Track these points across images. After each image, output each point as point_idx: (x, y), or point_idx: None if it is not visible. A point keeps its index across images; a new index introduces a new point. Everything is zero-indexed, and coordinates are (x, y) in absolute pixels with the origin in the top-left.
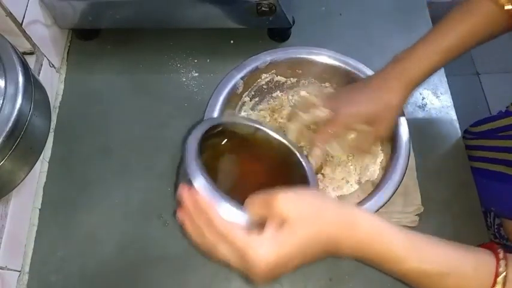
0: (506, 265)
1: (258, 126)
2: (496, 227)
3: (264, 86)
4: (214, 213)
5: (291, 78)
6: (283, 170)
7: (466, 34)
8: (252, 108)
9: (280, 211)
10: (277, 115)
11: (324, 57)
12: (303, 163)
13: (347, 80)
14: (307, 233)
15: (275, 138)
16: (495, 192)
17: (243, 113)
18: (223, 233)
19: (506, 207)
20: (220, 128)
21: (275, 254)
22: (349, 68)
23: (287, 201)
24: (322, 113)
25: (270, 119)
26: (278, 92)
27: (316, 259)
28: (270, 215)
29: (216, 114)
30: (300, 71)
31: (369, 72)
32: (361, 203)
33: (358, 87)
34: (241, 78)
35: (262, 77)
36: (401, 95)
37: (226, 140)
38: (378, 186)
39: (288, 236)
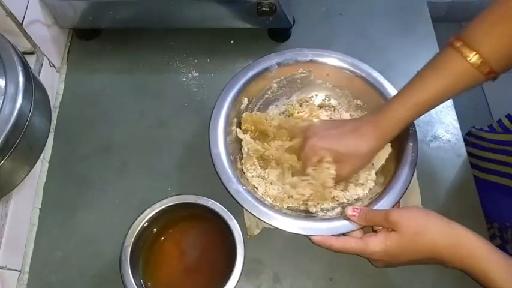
0: None
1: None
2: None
3: (298, 80)
4: (336, 244)
5: (327, 83)
6: (218, 231)
7: (437, 92)
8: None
9: (394, 220)
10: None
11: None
12: (229, 224)
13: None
14: (411, 240)
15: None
16: (509, 207)
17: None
18: (342, 249)
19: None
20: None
21: (383, 250)
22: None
23: (400, 213)
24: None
25: (299, 109)
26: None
27: (424, 261)
28: (384, 225)
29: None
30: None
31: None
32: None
33: (337, 124)
34: (277, 64)
35: (299, 71)
36: (372, 144)
37: (158, 225)
38: (382, 192)
39: (395, 239)
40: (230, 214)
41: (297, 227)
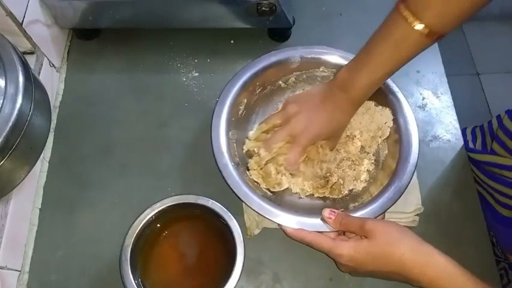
0: None
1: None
2: (500, 250)
3: (318, 78)
4: (308, 237)
5: None
6: (216, 232)
7: (387, 60)
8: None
9: (369, 229)
10: None
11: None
12: (229, 224)
13: None
14: (381, 250)
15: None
16: (500, 230)
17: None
18: (312, 243)
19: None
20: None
21: (351, 255)
22: None
23: (376, 223)
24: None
25: None
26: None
27: (390, 277)
28: (359, 232)
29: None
30: None
31: None
32: (366, 205)
33: (313, 105)
34: (300, 56)
35: (321, 69)
36: (350, 114)
37: (158, 225)
38: (383, 189)
39: (365, 247)
40: (230, 214)
41: (295, 222)
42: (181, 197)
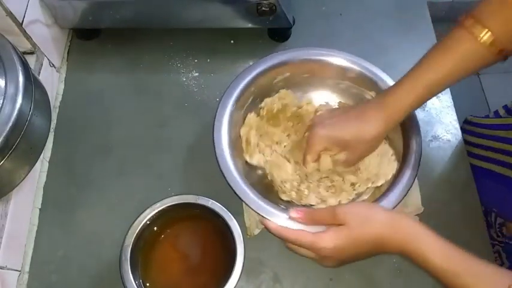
0: None
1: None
2: (498, 226)
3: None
4: (290, 234)
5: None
6: (217, 231)
7: (446, 73)
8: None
9: (341, 217)
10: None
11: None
12: (228, 223)
13: None
14: (359, 231)
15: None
16: (497, 194)
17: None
18: (295, 241)
19: (510, 210)
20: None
21: (333, 245)
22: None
23: (346, 209)
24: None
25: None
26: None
27: (368, 254)
28: (333, 222)
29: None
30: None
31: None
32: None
33: (343, 110)
34: (293, 60)
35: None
36: (378, 128)
37: (158, 225)
38: (386, 191)
39: (344, 233)
40: (230, 214)
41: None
42: (181, 197)
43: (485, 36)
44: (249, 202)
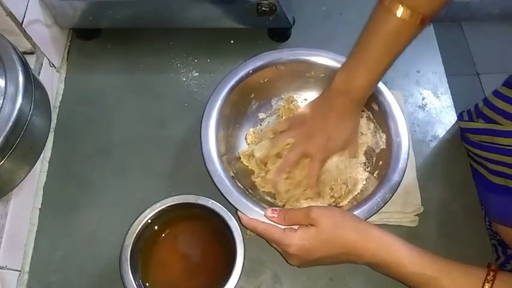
0: (494, 276)
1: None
2: (487, 223)
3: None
4: (260, 227)
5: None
6: (216, 230)
7: (383, 50)
8: None
9: (314, 216)
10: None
11: None
12: (227, 222)
13: None
14: (330, 234)
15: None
16: (483, 194)
17: None
18: (263, 234)
19: (492, 212)
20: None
21: (301, 244)
22: None
23: (320, 211)
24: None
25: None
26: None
27: (336, 259)
28: (306, 222)
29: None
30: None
31: None
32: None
33: (321, 118)
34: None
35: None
36: (357, 114)
37: (158, 225)
38: (362, 201)
39: (314, 233)
40: (230, 214)
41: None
42: (181, 197)
43: (403, 12)
44: (225, 194)
